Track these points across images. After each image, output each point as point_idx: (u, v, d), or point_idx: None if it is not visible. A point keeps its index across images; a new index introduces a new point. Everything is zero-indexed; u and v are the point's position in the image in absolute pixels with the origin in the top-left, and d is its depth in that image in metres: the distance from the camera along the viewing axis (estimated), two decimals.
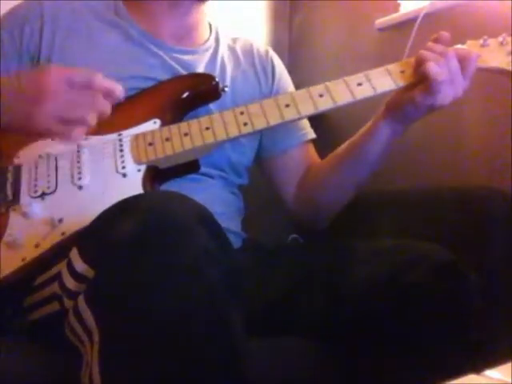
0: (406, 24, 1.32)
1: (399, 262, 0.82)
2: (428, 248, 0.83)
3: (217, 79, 0.95)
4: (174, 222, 0.62)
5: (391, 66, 0.89)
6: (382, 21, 1.43)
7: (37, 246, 0.77)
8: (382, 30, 1.45)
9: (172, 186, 0.88)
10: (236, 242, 1.01)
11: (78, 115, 0.76)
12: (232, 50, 1.11)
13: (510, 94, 1.03)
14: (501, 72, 0.88)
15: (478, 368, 0.48)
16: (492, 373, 0.48)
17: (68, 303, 0.70)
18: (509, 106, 1.07)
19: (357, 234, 1.02)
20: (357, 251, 0.91)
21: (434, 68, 0.83)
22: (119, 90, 0.79)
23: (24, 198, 0.83)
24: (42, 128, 0.77)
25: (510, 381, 0.47)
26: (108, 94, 0.78)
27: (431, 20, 1.26)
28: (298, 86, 1.19)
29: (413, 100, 0.86)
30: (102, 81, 0.78)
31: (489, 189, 0.92)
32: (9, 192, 0.84)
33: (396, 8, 1.40)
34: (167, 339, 0.58)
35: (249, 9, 1.73)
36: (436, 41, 0.89)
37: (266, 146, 1.09)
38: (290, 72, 1.19)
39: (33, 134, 0.81)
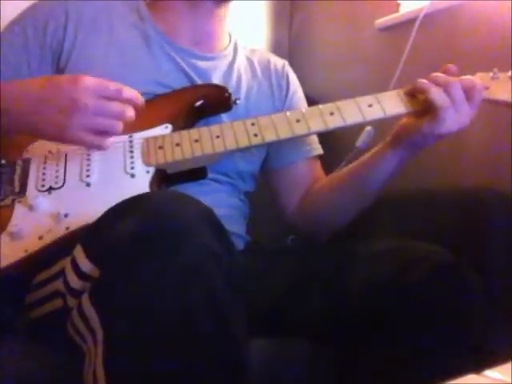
0: (405, 24, 1.32)
1: (399, 263, 0.82)
2: (428, 249, 0.83)
3: (230, 91, 0.96)
4: (175, 222, 0.63)
5: (401, 90, 0.90)
6: (381, 21, 1.43)
7: (40, 238, 0.78)
8: (382, 30, 1.45)
9: (178, 189, 0.88)
10: (239, 245, 1.01)
11: (108, 125, 0.81)
12: (249, 61, 1.13)
13: None
14: (509, 105, 0.89)
15: (478, 368, 0.48)
16: (492, 373, 0.48)
17: (71, 301, 0.70)
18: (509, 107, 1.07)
19: (357, 235, 1.02)
20: (357, 252, 0.91)
21: (437, 95, 0.84)
22: (141, 101, 0.85)
23: (31, 191, 0.84)
24: (75, 139, 0.81)
25: (510, 381, 0.47)
26: (133, 102, 0.83)
27: (431, 20, 1.27)
28: None
29: (420, 129, 0.87)
30: (129, 91, 0.83)
31: (488, 190, 0.92)
32: (16, 184, 0.85)
33: (396, 8, 1.40)
34: (169, 339, 0.58)
35: (249, 9, 1.73)
36: (444, 72, 0.89)
37: (272, 156, 1.10)
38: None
39: (65, 143, 0.85)
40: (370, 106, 0.88)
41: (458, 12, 1.24)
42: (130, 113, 0.82)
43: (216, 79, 1.03)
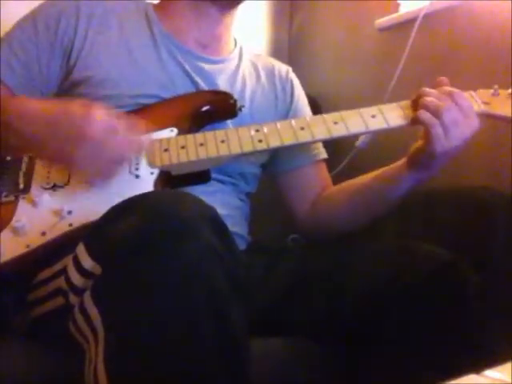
0: (406, 24, 1.32)
1: (399, 263, 0.82)
2: (428, 249, 0.83)
3: (235, 97, 0.97)
4: (177, 221, 0.63)
5: (404, 103, 0.90)
6: (381, 21, 1.43)
7: (43, 234, 0.79)
8: (382, 29, 1.45)
9: (182, 188, 0.88)
10: (241, 245, 1.01)
11: (107, 166, 0.81)
12: (254, 65, 1.13)
13: None
14: (507, 120, 0.90)
15: (478, 368, 0.48)
16: (492, 373, 0.48)
17: (74, 299, 0.70)
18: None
19: (357, 235, 1.02)
20: (357, 252, 0.92)
21: (424, 115, 0.83)
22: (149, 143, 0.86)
23: (35, 188, 0.85)
24: (79, 169, 0.81)
25: (510, 381, 0.47)
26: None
27: (431, 20, 1.27)
28: None
29: (423, 149, 0.86)
30: (137, 133, 0.83)
31: (488, 189, 0.92)
32: (21, 181, 0.86)
33: (396, 8, 1.40)
34: (169, 338, 0.58)
35: (249, 9, 1.73)
36: (437, 86, 0.88)
37: (278, 161, 1.10)
38: None
39: (70, 171, 0.85)
40: (373, 116, 0.89)
41: (458, 12, 1.24)
42: (138, 150, 0.84)
43: (221, 83, 1.04)
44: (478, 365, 0.49)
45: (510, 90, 0.91)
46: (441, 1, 1.26)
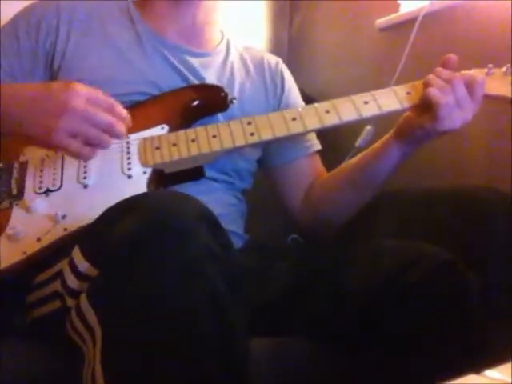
0: (405, 24, 1.32)
1: (399, 263, 0.82)
2: (428, 248, 0.83)
3: (226, 91, 0.96)
4: (173, 222, 0.63)
5: (398, 87, 0.90)
6: (382, 21, 1.43)
7: (38, 240, 0.79)
8: (382, 29, 1.45)
9: (175, 188, 0.88)
10: (237, 243, 1.01)
11: (96, 135, 0.80)
12: (242, 58, 1.13)
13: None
14: (504, 100, 0.90)
15: (477, 368, 0.48)
16: (492, 373, 0.48)
17: (70, 302, 0.70)
18: (509, 106, 1.07)
19: (357, 235, 1.02)
20: (357, 251, 0.91)
21: (434, 93, 0.84)
22: (129, 123, 0.84)
23: (28, 193, 0.84)
24: (60, 144, 0.79)
25: (510, 381, 0.47)
26: (122, 120, 0.82)
27: (431, 20, 1.27)
28: (297, 86, 1.19)
29: (422, 125, 0.88)
30: (121, 108, 0.82)
31: (488, 189, 0.92)
32: (13, 187, 0.85)
33: (396, 8, 1.40)
34: (168, 339, 0.58)
35: (249, 8, 1.74)
36: (444, 63, 0.89)
37: (273, 154, 1.10)
38: (290, 72, 1.19)
39: (51, 147, 0.84)
40: (365, 103, 0.89)
41: (458, 12, 1.24)
42: (121, 129, 0.82)
43: (209, 76, 1.03)
44: (477, 365, 0.49)
45: (504, 69, 0.90)
46: (441, 1, 1.26)
